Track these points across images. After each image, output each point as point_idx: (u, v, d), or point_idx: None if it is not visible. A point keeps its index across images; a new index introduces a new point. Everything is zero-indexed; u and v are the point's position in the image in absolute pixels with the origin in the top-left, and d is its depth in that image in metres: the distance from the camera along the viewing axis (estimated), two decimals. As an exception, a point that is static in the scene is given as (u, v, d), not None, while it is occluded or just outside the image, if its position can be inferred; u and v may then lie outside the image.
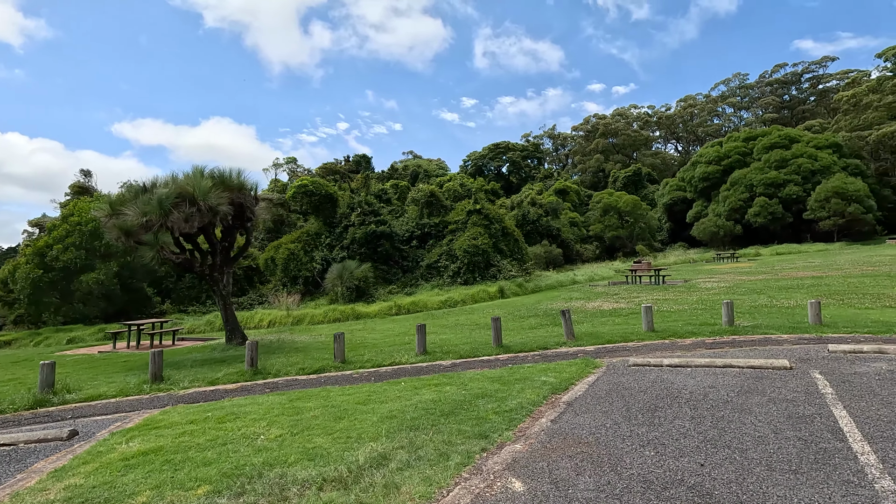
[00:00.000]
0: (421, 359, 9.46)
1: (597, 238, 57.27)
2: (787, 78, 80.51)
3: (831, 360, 7.07)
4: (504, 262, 26.96)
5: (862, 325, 9.47)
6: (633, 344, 9.43)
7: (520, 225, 43.99)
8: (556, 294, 22.89)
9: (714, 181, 59.83)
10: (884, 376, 6.10)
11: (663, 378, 6.70)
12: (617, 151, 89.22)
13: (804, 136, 57.76)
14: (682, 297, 17.37)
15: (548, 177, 77.40)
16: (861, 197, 46.91)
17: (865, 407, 5.02)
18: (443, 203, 30.79)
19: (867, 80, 61.49)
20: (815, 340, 8.62)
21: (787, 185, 51.52)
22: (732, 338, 9.28)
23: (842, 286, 16.86)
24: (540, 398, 6.07)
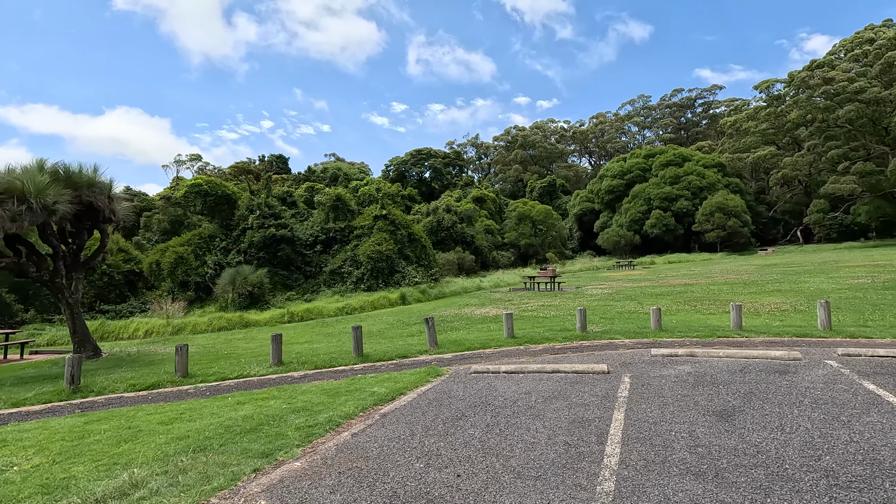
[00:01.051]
0: (273, 370, 9.03)
1: (512, 245, 59.07)
2: (683, 102, 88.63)
3: (648, 364, 7.61)
4: (409, 268, 26.91)
5: (693, 330, 10.37)
6: (490, 351, 9.63)
7: (434, 231, 44.34)
8: (456, 300, 23.17)
9: (618, 194, 64.13)
10: (680, 379, 6.63)
11: (491, 385, 6.84)
12: (535, 162, 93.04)
13: (695, 155, 63.63)
14: (566, 303, 18.21)
15: (468, 184, 78.93)
16: (739, 212, 52.38)
17: (644, 409, 5.39)
18: (350, 207, 30.22)
19: (747, 109, 69.05)
20: (649, 344, 9.29)
21: (679, 200, 56.37)
22: (580, 343, 9.78)
23: (703, 293, 18.51)
24: (357, 410, 5.94)
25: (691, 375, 6.75)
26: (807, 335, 9.44)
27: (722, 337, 9.66)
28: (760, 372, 6.75)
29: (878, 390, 5.63)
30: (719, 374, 6.72)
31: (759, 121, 61.65)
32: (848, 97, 46.44)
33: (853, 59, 51.84)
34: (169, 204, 34.76)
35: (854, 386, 5.85)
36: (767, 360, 7.37)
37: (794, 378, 6.35)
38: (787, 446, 4.15)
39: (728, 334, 9.81)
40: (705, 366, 7.27)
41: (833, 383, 6.02)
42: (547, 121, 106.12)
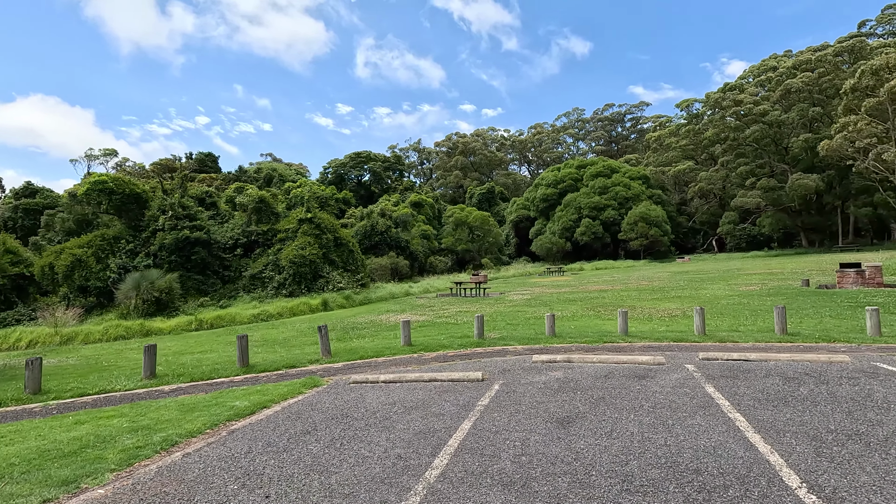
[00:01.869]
0: (143, 384, 8.40)
1: (449, 251, 59.43)
2: (614, 116, 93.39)
3: (525, 371, 7.75)
4: (335, 273, 26.29)
5: (584, 335, 10.74)
6: (382, 359, 9.49)
7: (368, 236, 43.76)
8: (380, 307, 22.89)
9: (552, 202, 66.28)
10: (546, 385, 6.78)
11: (362, 396, 6.69)
12: (475, 169, 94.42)
13: (623, 167, 67.03)
14: (483, 308, 18.41)
15: (408, 189, 78.73)
16: (660, 222, 55.64)
17: (495, 417, 5.43)
18: (274, 210, 29.14)
19: (670, 125, 73.67)
20: (539, 350, 9.50)
21: (606, 209, 59.09)
22: (474, 350, 9.85)
23: (612, 299, 19.35)
24: (205, 427, 5.59)
25: (558, 382, 6.92)
26: (683, 340, 10.03)
27: (608, 342, 10.06)
28: (622, 377, 7.04)
29: (714, 393, 6.01)
30: (584, 380, 6.93)
31: (680, 137, 65.95)
32: (754, 118, 50.71)
33: (759, 84, 56.75)
34: (74, 202, 31.97)
35: (696, 389, 6.21)
36: (634, 366, 7.72)
37: (648, 383, 6.66)
38: (604, 452, 4.28)
39: (614, 339, 10.24)
40: (576, 372, 7.50)
41: (679, 387, 6.36)
42: (488, 129, 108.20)
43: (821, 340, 9.34)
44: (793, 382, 6.36)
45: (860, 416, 4.95)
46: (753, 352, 8.37)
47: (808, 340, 9.41)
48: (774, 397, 5.73)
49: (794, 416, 5.00)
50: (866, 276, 17.69)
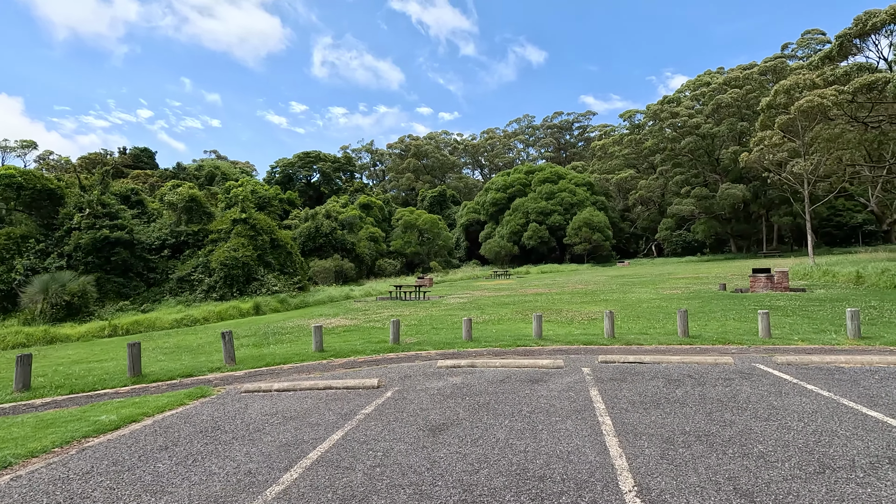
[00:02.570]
0: (12, 398, 7.69)
1: (398, 254, 59.05)
2: (563, 124, 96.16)
3: (425, 377, 7.66)
4: (270, 276, 25.42)
5: (500, 340, 10.81)
6: (289, 366, 9.15)
7: (312, 237, 42.76)
8: (314, 311, 22.31)
9: (501, 206, 67.29)
10: (440, 392, 6.71)
11: (246, 407, 6.38)
12: (427, 172, 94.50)
13: (569, 173, 69.00)
14: (417, 312, 18.29)
15: (358, 190, 77.72)
16: (602, 227, 57.63)
17: (371, 426, 5.28)
18: (207, 209, 27.86)
19: (614, 135, 76.57)
20: (451, 355, 9.45)
21: (553, 214, 60.58)
22: (385, 356, 9.68)
23: (545, 302, 19.70)
24: (54, 445, 5.12)
25: (453, 387, 6.87)
26: (593, 343, 10.27)
27: (521, 346, 10.16)
28: (517, 381, 7.08)
29: (596, 396, 6.13)
30: (479, 385, 6.92)
31: (623, 146, 68.68)
32: (688, 130, 53.52)
33: (694, 98, 59.98)
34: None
35: (581, 393, 6.32)
36: (533, 370, 7.80)
37: (538, 387, 6.73)
38: (462, 461, 4.22)
39: (527, 343, 10.35)
40: (475, 377, 7.48)
41: (566, 391, 6.45)
42: (441, 132, 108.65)
43: (717, 342, 9.80)
44: (673, 384, 6.59)
45: (717, 416, 5.16)
46: (651, 354, 8.67)
47: (706, 342, 9.86)
48: (650, 400, 5.91)
49: (658, 419, 5.15)
50: (775, 280, 18.91)
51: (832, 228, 58.68)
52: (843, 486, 3.50)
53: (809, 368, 7.27)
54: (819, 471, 3.76)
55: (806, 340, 9.60)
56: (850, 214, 57.91)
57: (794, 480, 3.61)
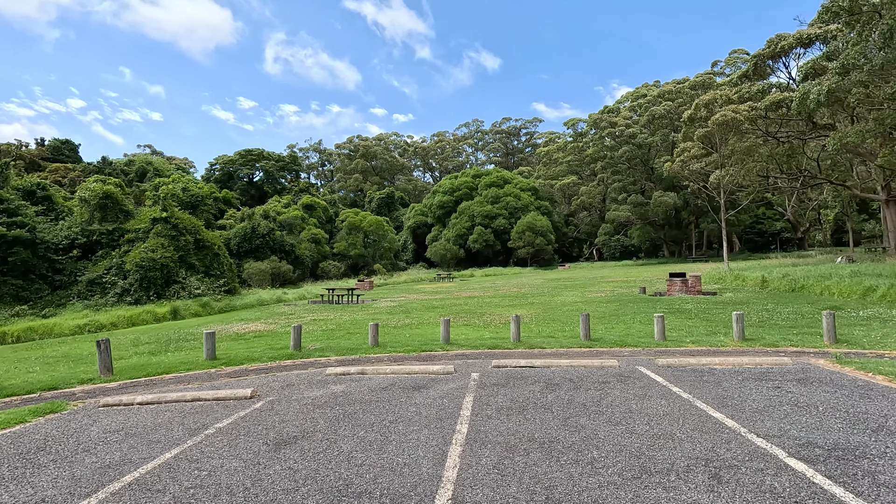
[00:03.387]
0: None
1: (343, 256, 57.98)
2: (511, 130, 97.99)
3: (308, 384, 7.36)
4: (193, 278, 24.12)
5: (406, 345, 10.65)
6: (171, 376, 8.57)
7: (248, 238, 41.16)
8: (239, 315, 21.38)
9: (448, 209, 67.53)
10: (317, 401, 6.44)
11: (92, 423, 5.86)
12: (376, 173, 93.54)
13: (515, 178, 70.26)
14: (342, 316, 17.86)
15: (304, 190, 75.75)
16: (545, 231, 58.99)
17: (213, 441, 4.95)
18: (123, 207, 26.11)
19: (558, 142, 78.71)
20: (349, 362, 9.18)
21: (498, 218, 61.42)
22: (281, 363, 9.28)
23: (474, 306, 19.76)
24: None
25: (331, 397, 6.62)
26: (498, 347, 10.29)
27: (426, 351, 10.03)
28: (400, 388, 6.92)
29: (469, 403, 6.05)
30: (359, 394, 6.70)
31: (567, 153, 70.68)
32: (625, 140, 55.80)
33: (632, 109, 62.63)
34: None
35: (456, 400, 6.23)
36: (419, 376, 7.67)
37: (418, 394, 6.59)
38: (289, 478, 3.99)
39: (433, 348, 10.24)
40: (360, 384, 7.26)
41: (443, 398, 6.35)
42: (392, 134, 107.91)
43: (615, 345, 10.06)
44: (550, 389, 6.64)
45: (573, 422, 5.19)
46: (546, 358, 8.76)
47: (605, 345, 10.10)
48: (518, 405, 5.89)
49: (514, 426, 5.12)
50: (689, 284, 19.87)
51: (755, 235, 62.89)
52: (650, 492, 3.54)
53: (685, 370, 7.55)
54: (636, 476, 3.80)
55: (696, 342, 10.03)
56: (770, 223, 62.29)
57: (608, 487, 3.62)
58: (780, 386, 6.43)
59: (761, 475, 3.74)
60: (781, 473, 3.75)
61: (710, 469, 3.88)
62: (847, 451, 4.14)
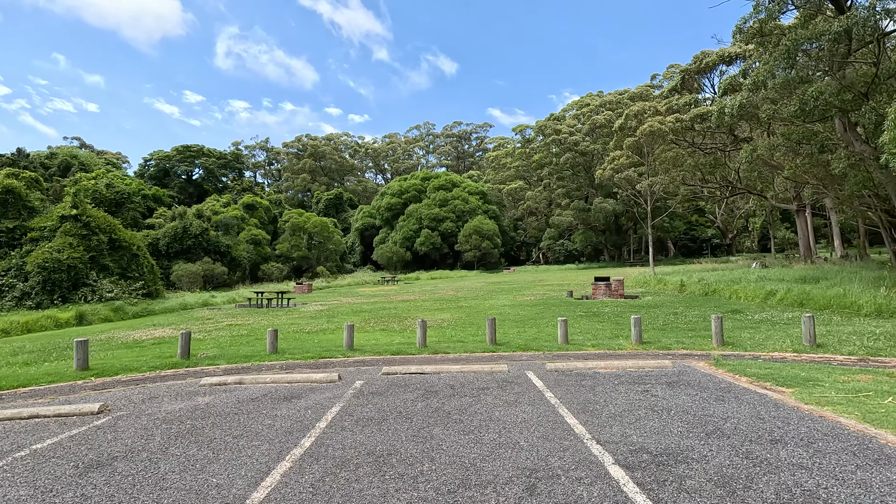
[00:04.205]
0: None
1: (285, 258, 56.29)
2: (462, 134, 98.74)
3: (173, 397, 6.86)
4: (105, 281, 22.51)
5: (308, 351, 10.26)
6: (30, 389, 7.80)
7: (178, 239, 39.10)
8: (154, 320, 20.11)
9: (396, 212, 67.03)
10: (170, 415, 5.97)
11: None
12: (325, 174, 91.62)
13: (464, 182, 70.70)
14: (259, 321, 17.16)
15: (247, 189, 73.06)
16: (492, 235, 59.64)
17: (19, 463, 4.43)
18: (28, 203, 24.06)
19: (507, 147, 79.98)
20: (235, 371, 8.69)
21: (445, 221, 61.54)
22: (161, 373, 8.67)
23: (403, 309, 19.51)
24: None
25: (191, 410, 6.17)
26: (403, 353, 10.08)
27: (326, 357, 9.69)
28: (272, 399, 6.56)
29: (332, 414, 5.78)
30: (224, 406, 6.29)
31: (514, 158, 71.92)
32: (568, 147, 57.37)
33: (576, 118, 64.55)
34: None
35: (320, 412, 5.95)
36: (301, 385, 7.34)
37: (286, 405, 6.25)
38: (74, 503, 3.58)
39: (333, 354, 9.91)
40: (233, 395, 6.84)
41: (309, 409, 6.05)
42: (342, 134, 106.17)
43: (519, 349, 10.08)
44: (427, 396, 6.47)
45: (426, 432, 5.03)
46: (441, 364, 8.63)
47: (509, 350, 10.10)
48: (382, 415, 5.68)
49: (364, 438, 4.89)
50: (612, 288, 20.47)
51: (688, 241, 66.23)
52: (456, 508, 3.40)
53: (569, 375, 7.60)
54: (452, 490, 3.66)
55: (597, 346, 10.20)
56: (702, 229, 65.80)
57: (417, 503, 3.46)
58: (648, 389, 6.56)
59: (576, 485, 3.69)
60: (597, 483, 3.72)
61: (529, 480, 3.79)
62: (671, 456, 4.18)
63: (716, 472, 3.84)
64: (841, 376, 6.94)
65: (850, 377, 6.88)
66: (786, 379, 6.86)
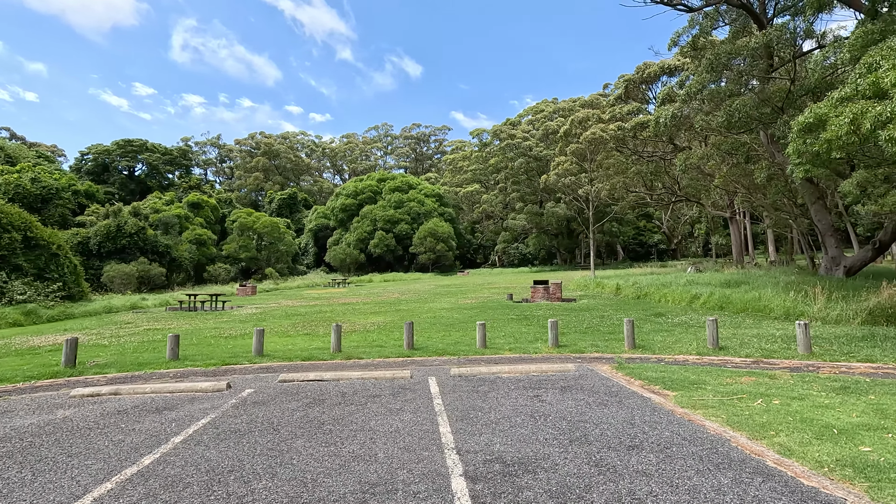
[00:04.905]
0: None
1: (234, 259, 54.36)
2: (420, 136, 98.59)
3: (35, 410, 6.28)
4: (17, 282, 20.89)
5: (211, 358, 9.74)
6: None
7: (111, 238, 36.96)
8: (70, 324, 18.80)
9: (351, 213, 66.03)
10: (12, 433, 5.42)
11: None
12: (279, 173, 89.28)
13: (421, 184, 70.46)
14: (181, 325, 16.33)
15: (194, 187, 70.14)
16: (447, 238, 59.65)
17: None
18: (-71, 198, 22.03)
19: (464, 150, 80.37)
20: (120, 380, 8.10)
21: (400, 223, 61.10)
22: (35, 383, 7.98)
23: (339, 313, 19.03)
24: None
25: (45, 424, 5.64)
26: (313, 358, 9.73)
27: (230, 364, 9.21)
28: (143, 411, 6.09)
29: (196, 427, 5.40)
30: (86, 420, 5.78)
31: (471, 162, 72.31)
32: (522, 152, 58.19)
33: (530, 123, 65.60)
34: None
35: (186, 424, 5.55)
36: (183, 395, 6.88)
37: (154, 417, 5.81)
38: None
39: (240, 361, 9.45)
40: (100, 408, 6.32)
41: (173, 421, 5.64)
42: (298, 132, 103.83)
43: (436, 354, 9.91)
44: (311, 405, 6.18)
45: (286, 445, 4.74)
46: (346, 370, 8.34)
47: (426, 354, 9.92)
48: (251, 427, 5.35)
49: (214, 453, 4.56)
50: (550, 291, 20.72)
51: (636, 246, 68.44)
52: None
53: (470, 380, 7.48)
54: (274, 511, 3.40)
55: (514, 350, 10.17)
56: (649, 234, 68.15)
57: (226, 528, 3.18)
58: (539, 395, 6.50)
59: (409, 500, 3.50)
60: (431, 497, 3.55)
61: (363, 497, 3.58)
62: (523, 466, 4.08)
63: (558, 482, 3.75)
64: (727, 378, 7.13)
65: (734, 379, 7.08)
66: (675, 382, 6.98)
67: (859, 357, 8.49)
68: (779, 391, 6.33)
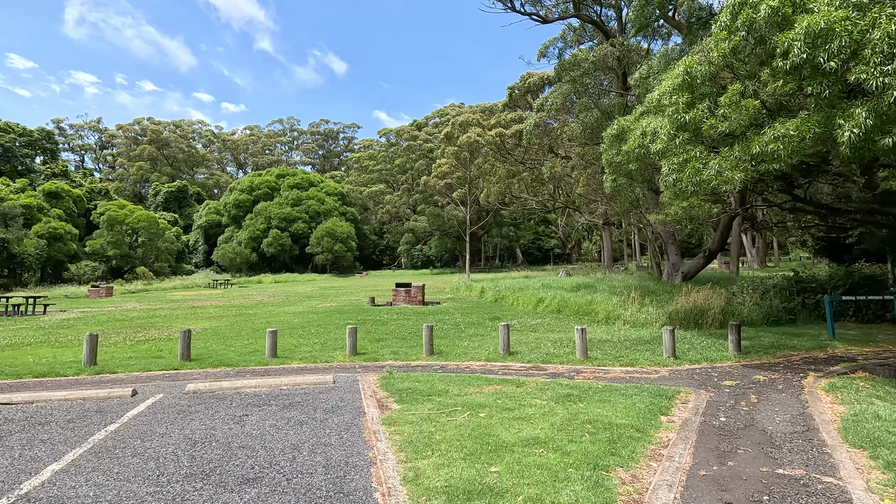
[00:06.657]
0: None
1: (101, 256, 48.71)
2: (328, 132, 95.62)
3: None
4: None
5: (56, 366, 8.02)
6: None
7: (-74, 229, 31.27)
8: None
9: (245, 209, 62.11)
10: None
11: None
12: (169, 163, 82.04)
13: (323, 182, 68.04)
14: (-44, 335, 13.77)
15: (58, 175, 62.09)
16: (346, 238, 58.00)
17: None
18: None
19: (372, 150, 79.08)
20: None
21: (297, 222, 58.47)
22: None
23: (166, 320, 17.26)
24: None
25: None
26: (58, 374, 8.37)
27: None
28: None
29: None
30: None
31: (377, 161, 71.21)
32: (424, 153, 58.22)
33: (434, 126, 65.92)
34: None
35: None
36: None
37: None
38: None
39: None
40: None
41: None
42: (195, 121, 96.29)
43: (213, 366, 8.93)
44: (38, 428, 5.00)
45: None
46: (62, 389, 7.14)
47: (202, 365, 8.90)
48: None
49: None
50: (412, 294, 20.38)
51: (535, 250, 71.21)
52: None
53: (200, 397, 6.64)
54: None
55: (306, 359, 9.45)
56: (547, 239, 71.22)
57: None
58: (250, 413, 5.84)
59: None
60: None
61: None
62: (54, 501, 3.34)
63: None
64: (469, 388, 6.93)
65: (476, 388, 6.89)
66: (415, 394, 6.65)
67: (624, 361, 8.79)
68: (503, 402, 6.19)
